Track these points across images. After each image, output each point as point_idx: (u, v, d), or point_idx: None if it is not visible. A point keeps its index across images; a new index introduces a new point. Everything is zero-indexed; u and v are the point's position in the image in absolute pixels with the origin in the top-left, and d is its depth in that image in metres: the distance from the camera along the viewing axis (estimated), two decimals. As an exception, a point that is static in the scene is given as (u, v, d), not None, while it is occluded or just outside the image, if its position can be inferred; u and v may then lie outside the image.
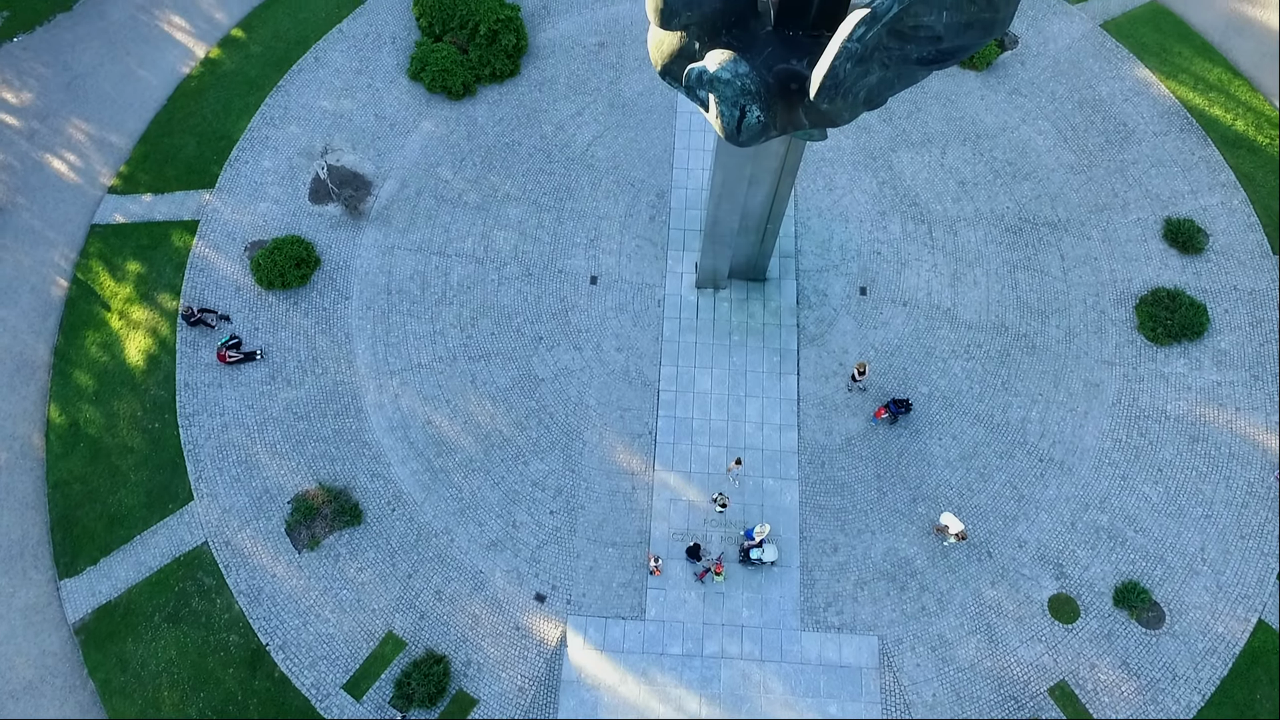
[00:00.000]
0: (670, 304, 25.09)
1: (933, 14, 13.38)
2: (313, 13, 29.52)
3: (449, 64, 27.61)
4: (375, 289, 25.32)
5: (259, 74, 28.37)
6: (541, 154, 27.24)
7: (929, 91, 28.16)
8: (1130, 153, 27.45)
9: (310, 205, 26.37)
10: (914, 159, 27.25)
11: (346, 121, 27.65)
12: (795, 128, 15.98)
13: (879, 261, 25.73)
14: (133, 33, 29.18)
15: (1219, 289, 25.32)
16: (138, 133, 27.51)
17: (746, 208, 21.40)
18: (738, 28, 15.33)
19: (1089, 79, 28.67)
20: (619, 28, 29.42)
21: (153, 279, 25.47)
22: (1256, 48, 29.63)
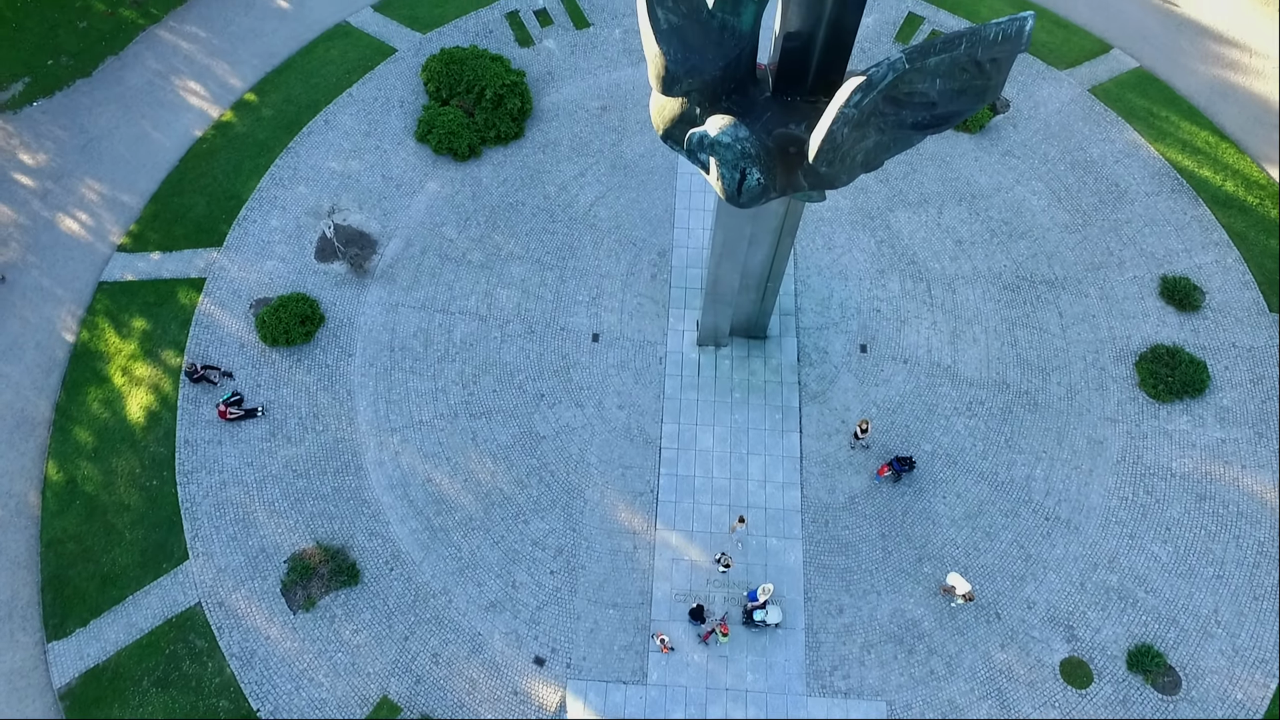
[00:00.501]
0: (672, 361, 25.18)
1: (926, 81, 13.81)
2: (324, 78, 30.43)
3: (455, 127, 28.33)
4: (378, 346, 25.45)
5: (270, 136, 29.08)
6: (545, 214, 27.71)
7: (924, 153, 28.81)
8: (1123, 212, 27.93)
9: (316, 264, 26.70)
10: (911, 218, 27.70)
11: (354, 182, 28.22)
12: (794, 189, 16.31)
13: (879, 319, 25.92)
14: (149, 97, 30.03)
15: (1218, 346, 25.43)
16: (149, 192, 28.07)
17: (747, 266, 21.67)
18: (737, 94, 15.78)
19: (1080, 141, 29.37)
20: (620, 92, 30.27)
21: (158, 336, 25.62)
22: (1241, 112, 30.44)
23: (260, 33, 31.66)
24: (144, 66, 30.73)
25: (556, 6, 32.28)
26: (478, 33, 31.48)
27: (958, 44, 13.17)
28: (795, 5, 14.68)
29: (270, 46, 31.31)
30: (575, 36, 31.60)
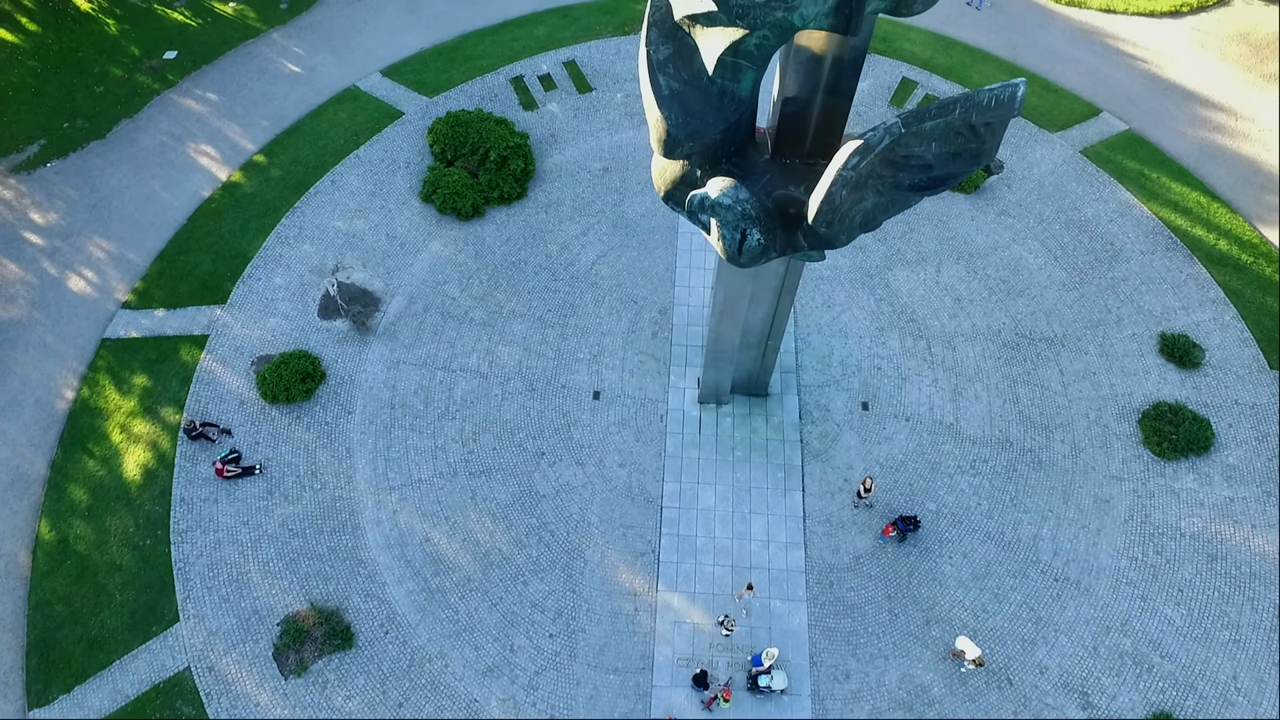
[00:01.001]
0: (673, 419, 25.06)
1: (922, 145, 14.09)
2: (332, 140, 31.12)
3: (459, 187, 28.84)
4: (379, 403, 25.37)
5: (277, 196, 29.58)
6: (547, 272, 27.98)
7: (921, 213, 29.26)
8: (1120, 270, 28.20)
9: (319, 321, 26.84)
10: (910, 277, 27.95)
11: (359, 241, 28.59)
12: (794, 250, 16.47)
13: (880, 377, 25.90)
14: (160, 158, 30.67)
15: (1221, 403, 25.35)
16: (156, 250, 28.40)
17: (748, 324, 21.76)
18: (737, 156, 16.08)
19: (1074, 201, 29.85)
20: (622, 154, 30.91)
21: (158, 392, 25.58)
22: (1230, 173, 31.03)
23: (272, 97, 32.53)
24: (157, 129, 31.47)
25: (560, 72, 33.24)
26: (483, 97, 32.34)
27: (952, 109, 13.48)
28: (793, 71, 15.09)
29: (281, 110, 32.13)
30: (578, 100, 32.44)
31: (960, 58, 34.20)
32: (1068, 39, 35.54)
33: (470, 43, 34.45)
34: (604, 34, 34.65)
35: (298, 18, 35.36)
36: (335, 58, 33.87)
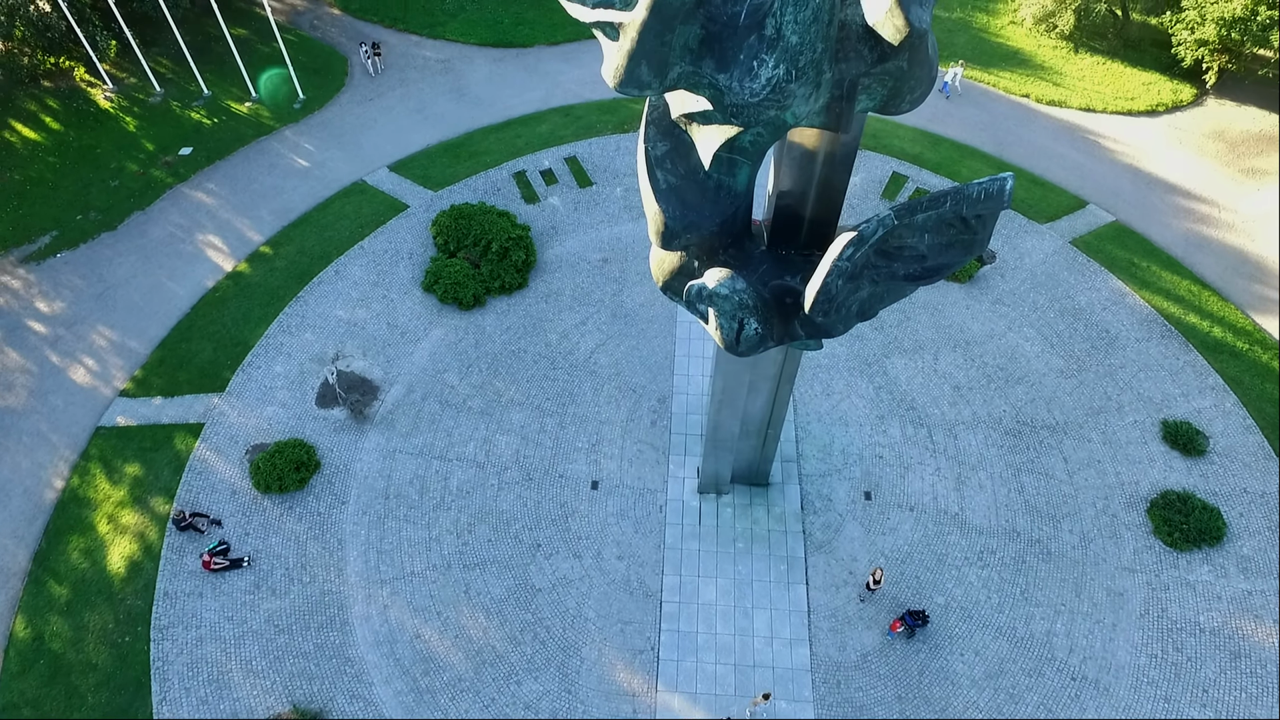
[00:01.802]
0: (672, 510, 24.58)
1: (915, 236, 14.34)
2: (337, 231, 31.82)
3: (461, 277, 29.29)
4: (373, 493, 24.94)
5: (281, 285, 30.00)
6: (546, 361, 28.06)
7: (917, 302, 29.60)
8: (1116, 357, 28.29)
9: (316, 409, 26.71)
10: (908, 365, 28.02)
11: (360, 330, 28.80)
12: (791, 339, 16.53)
13: (881, 465, 25.58)
14: (169, 249, 31.27)
15: (1229, 492, 24.93)
16: (158, 339, 28.56)
17: (747, 413, 21.63)
18: (734, 248, 16.35)
19: (1067, 290, 30.26)
20: (621, 245, 31.55)
21: (149, 482, 25.18)
22: (1218, 262, 31.59)
23: (281, 190, 33.47)
24: (167, 221, 32.24)
25: (561, 167, 34.33)
26: (486, 190, 33.27)
27: (943, 202, 13.79)
28: (787, 166, 15.52)
29: (289, 203, 33.00)
30: (578, 194, 33.37)
31: (948, 153, 35.40)
32: (1051, 136, 36.90)
33: (475, 140, 35.74)
34: (604, 131, 35.98)
35: (310, 116, 36.81)
36: (344, 153, 35.05)
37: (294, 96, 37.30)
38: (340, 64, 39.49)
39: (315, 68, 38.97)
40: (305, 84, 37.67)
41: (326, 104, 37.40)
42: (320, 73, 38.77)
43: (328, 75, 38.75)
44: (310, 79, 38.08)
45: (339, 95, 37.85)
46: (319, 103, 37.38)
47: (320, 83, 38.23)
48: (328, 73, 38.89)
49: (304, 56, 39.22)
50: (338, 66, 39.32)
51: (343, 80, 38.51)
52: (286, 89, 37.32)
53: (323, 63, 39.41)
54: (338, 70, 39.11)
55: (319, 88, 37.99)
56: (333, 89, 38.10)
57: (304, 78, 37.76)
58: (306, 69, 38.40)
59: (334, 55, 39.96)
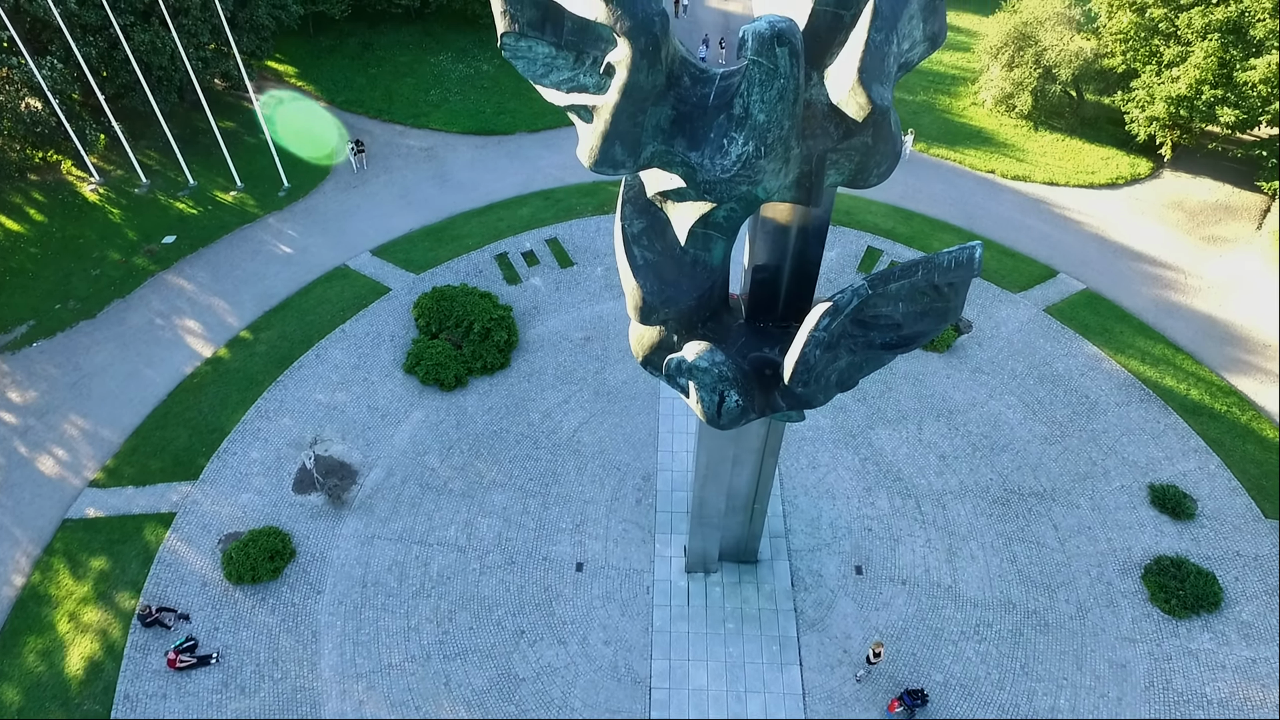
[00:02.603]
0: (660, 590, 23.89)
1: (890, 305, 14.51)
2: (319, 316, 31.84)
3: (443, 358, 29.22)
4: (350, 581, 24.10)
5: (260, 370, 29.75)
6: (529, 440, 27.74)
7: (897, 372, 29.78)
8: (1098, 423, 28.39)
9: (293, 495, 26.07)
10: (892, 435, 27.94)
11: (339, 413, 28.46)
12: (773, 410, 16.46)
13: (871, 539, 25.15)
14: (147, 336, 31.08)
15: (1222, 555, 24.64)
16: (132, 427, 28.03)
17: (732, 488, 21.33)
18: (712, 321, 16.45)
19: (1044, 357, 30.61)
20: (603, 323, 31.74)
21: (115, 576, 24.22)
22: (1188, 326, 32.21)
23: (263, 276, 33.63)
24: (147, 308, 32.17)
25: (542, 248, 34.86)
26: (468, 272, 33.61)
27: (915, 271, 14.02)
28: (761, 240, 15.81)
29: (271, 288, 33.10)
30: (560, 274, 33.78)
31: (920, 227, 36.36)
32: (1018, 209, 38.10)
33: (457, 224, 36.34)
34: (584, 213, 36.75)
35: (294, 203, 37.39)
36: (327, 239, 35.46)
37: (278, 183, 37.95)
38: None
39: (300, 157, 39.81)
40: (290, 172, 38.41)
41: (310, 191, 38.07)
42: (305, 161, 39.60)
43: (312, 164, 39.57)
44: (295, 167, 38.87)
45: (323, 183, 38.59)
46: (303, 190, 38.05)
47: (305, 171, 39.01)
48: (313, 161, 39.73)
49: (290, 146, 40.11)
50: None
51: (328, 168, 39.34)
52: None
53: (308, 153, 40.29)
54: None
55: (303, 175, 38.74)
56: (317, 177, 38.87)
57: (288, 166, 38.55)
58: (291, 158, 39.23)
59: (319, 146, 40.89)
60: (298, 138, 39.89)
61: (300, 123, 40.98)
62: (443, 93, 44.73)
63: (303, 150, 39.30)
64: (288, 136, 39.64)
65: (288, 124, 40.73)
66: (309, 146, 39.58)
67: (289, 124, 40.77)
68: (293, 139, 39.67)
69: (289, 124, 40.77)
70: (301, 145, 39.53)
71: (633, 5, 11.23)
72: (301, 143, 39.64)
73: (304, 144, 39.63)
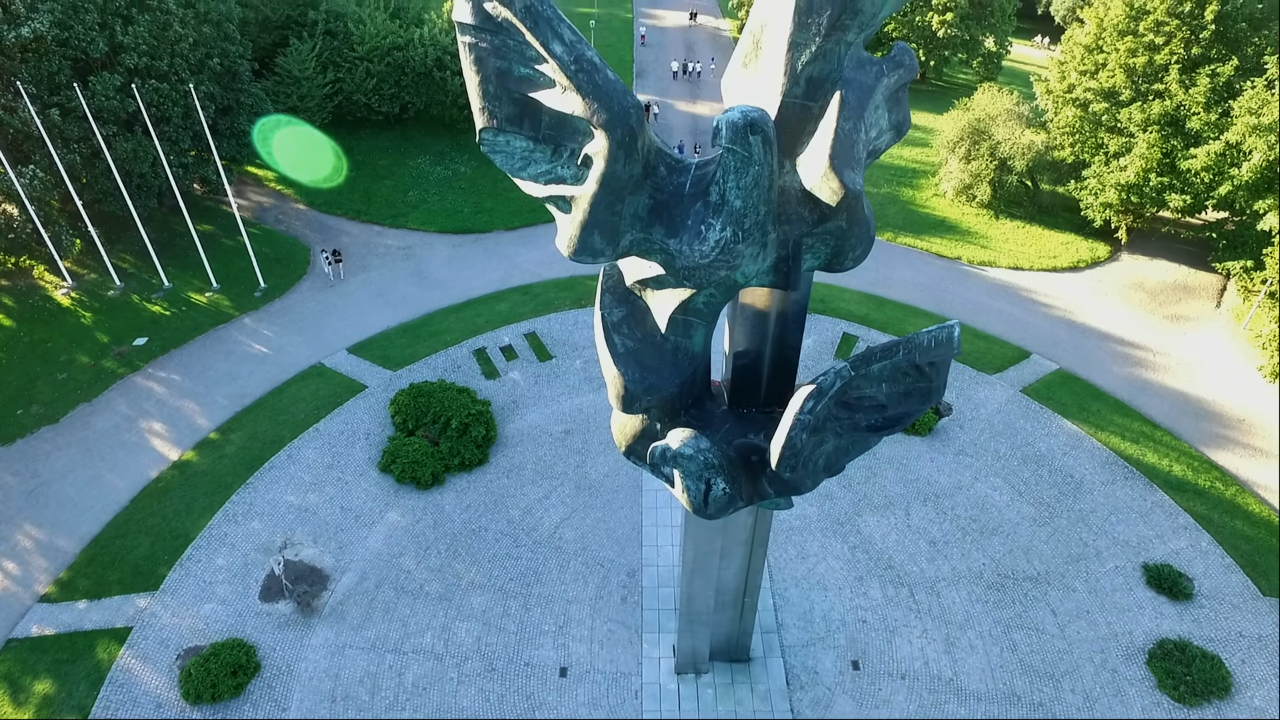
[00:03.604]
0: (649, 695, 22.61)
1: (873, 386, 14.43)
2: (293, 415, 31.16)
3: (420, 456, 28.53)
4: (318, 697, 22.55)
5: (229, 472, 28.78)
6: (508, 538, 26.82)
7: (881, 457, 29.54)
8: (1085, 502, 28.15)
9: (260, 604, 24.71)
10: (880, 522, 27.42)
11: (311, 515, 27.41)
12: (761, 497, 16.05)
13: (866, 631, 24.23)
14: (113, 440, 30.11)
15: (1225, 637, 23.99)
16: (90, 536, 26.70)
17: (721, 582, 20.57)
18: (695, 408, 16.22)
19: (1026, 437, 30.61)
20: (583, 416, 31.38)
21: (60, 700, 22.45)
22: (1163, 403, 32.57)
23: (236, 376, 33.07)
24: (114, 411, 31.31)
25: (521, 343, 34.82)
26: (446, 368, 33.34)
27: (896, 351, 14.02)
28: (741, 326, 15.80)
29: (244, 388, 32.49)
30: (539, 368, 33.62)
31: (893, 313, 36.99)
32: (986, 293, 39.03)
33: (435, 320, 36.34)
34: (562, 307, 37.00)
35: (270, 303, 37.28)
36: (303, 338, 35.18)
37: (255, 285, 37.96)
38: (303, 253, 40.71)
39: (278, 257, 40.05)
40: (267, 273, 38.48)
41: (287, 291, 38.06)
42: (283, 262, 39.81)
43: (290, 264, 39.78)
44: (272, 268, 38.99)
45: (300, 283, 38.66)
46: (280, 290, 38.03)
47: (282, 271, 39.13)
48: (290, 262, 39.96)
49: (267, 248, 40.40)
50: (300, 256, 40.49)
51: (304, 269, 39.51)
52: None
53: (285, 253, 40.60)
54: (300, 259, 40.24)
55: (280, 276, 38.82)
56: (294, 277, 38.96)
57: (266, 267, 38.65)
58: (269, 259, 39.42)
59: (297, 245, 41.29)
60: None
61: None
62: (421, 193, 45.71)
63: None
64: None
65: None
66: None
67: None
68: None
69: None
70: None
71: (609, 99, 11.51)
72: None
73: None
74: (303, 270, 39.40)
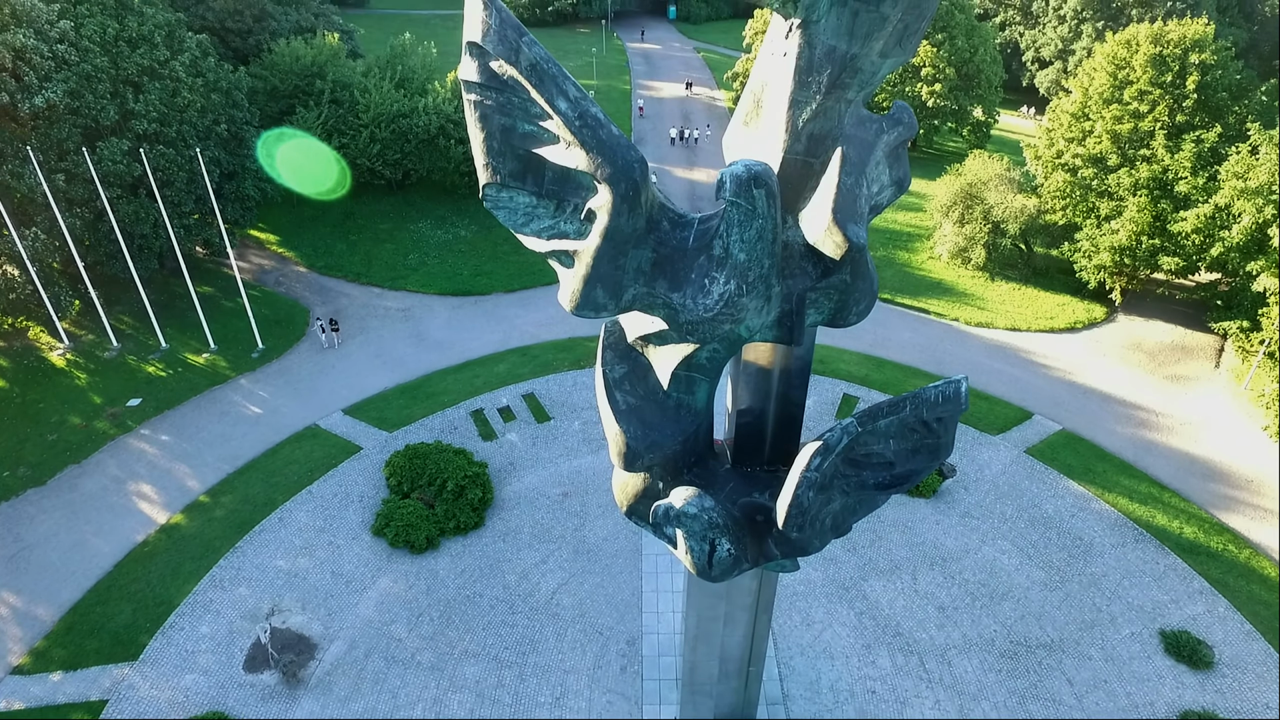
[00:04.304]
0: (650, 771, 21.50)
1: (880, 443, 14.11)
2: (285, 477, 30.58)
3: (414, 519, 27.88)
4: (300, 776, 21.40)
5: (217, 536, 28.03)
6: (504, 605, 25.96)
7: (886, 520, 28.93)
8: (1096, 566, 27.45)
9: (243, 675, 23.70)
10: (887, 586, 26.65)
11: (300, 580, 26.58)
12: (766, 559, 15.54)
13: (876, 702, 23.23)
14: (99, 502, 29.42)
15: (1252, 708, 23.03)
16: (70, 603, 25.78)
17: (725, 650, 19.76)
18: (698, 467, 15.85)
19: (1032, 499, 30.07)
20: (582, 478, 30.83)
21: (30, 781, 21.28)
22: (1169, 464, 32.14)
23: (229, 437, 32.59)
24: (103, 473, 30.71)
25: (519, 404, 34.51)
26: (443, 429, 32.92)
27: (903, 406, 13.77)
28: (744, 383, 15.58)
29: (237, 450, 31.98)
30: (537, 430, 33.22)
31: (893, 374, 36.86)
32: (985, 354, 39.01)
33: (433, 381, 36.11)
34: (561, 368, 36.84)
35: (268, 364, 37.08)
36: (299, 399, 34.85)
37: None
38: (302, 315, 40.74)
39: (277, 319, 40.06)
40: (265, 334, 38.40)
41: (285, 353, 37.91)
42: (282, 324, 39.79)
43: (289, 326, 39.75)
44: (271, 329, 38.94)
45: (298, 344, 38.55)
46: (277, 352, 37.89)
47: (281, 333, 39.07)
48: (289, 324, 39.94)
49: (267, 310, 40.44)
50: (299, 318, 40.51)
51: (303, 330, 39.46)
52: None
53: (285, 314, 40.63)
54: (299, 321, 40.24)
55: (279, 338, 38.74)
56: (292, 338, 38.88)
57: (265, 329, 38.60)
58: (268, 320, 39.41)
59: (296, 307, 41.36)
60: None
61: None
62: (421, 256, 46.10)
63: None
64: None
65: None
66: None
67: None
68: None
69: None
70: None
71: (613, 153, 11.56)
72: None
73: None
74: (301, 332, 39.36)
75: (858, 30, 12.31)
